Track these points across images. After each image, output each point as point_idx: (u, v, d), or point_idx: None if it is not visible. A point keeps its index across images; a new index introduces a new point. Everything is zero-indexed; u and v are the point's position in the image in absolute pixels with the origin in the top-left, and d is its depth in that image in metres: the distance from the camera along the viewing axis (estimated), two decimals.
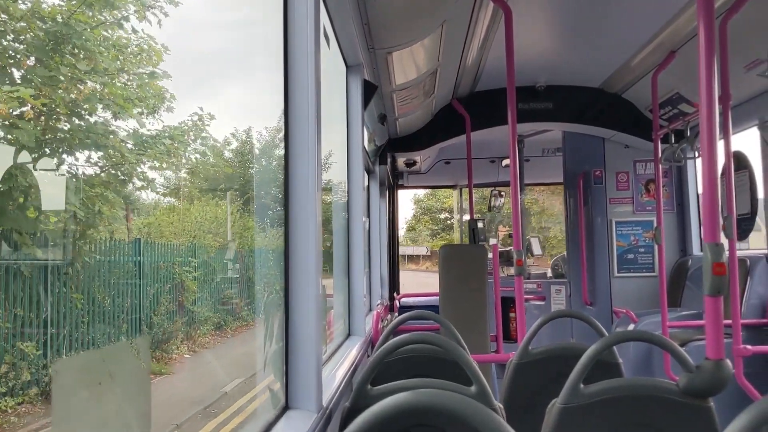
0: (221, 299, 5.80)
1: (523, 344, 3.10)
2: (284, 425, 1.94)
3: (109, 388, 1.69)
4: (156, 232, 5.05)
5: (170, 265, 4.67)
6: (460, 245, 8.25)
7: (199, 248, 5.47)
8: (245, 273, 6.21)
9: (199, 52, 3.90)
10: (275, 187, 5.25)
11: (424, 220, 46.55)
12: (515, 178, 3.96)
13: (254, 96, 6.55)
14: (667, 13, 4.29)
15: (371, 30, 3.37)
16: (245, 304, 6.19)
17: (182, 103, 3.22)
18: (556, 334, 6.61)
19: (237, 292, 6.12)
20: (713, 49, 2.59)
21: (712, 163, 2.57)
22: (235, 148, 7.24)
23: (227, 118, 5.71)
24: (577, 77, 6.00)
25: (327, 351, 3.34)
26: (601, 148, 6.74)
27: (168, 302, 4.51)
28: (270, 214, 5.28)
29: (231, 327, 5.77)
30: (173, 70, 2.96)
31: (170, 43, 2.86)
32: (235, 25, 3.76)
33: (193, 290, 4.93)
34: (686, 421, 2.18)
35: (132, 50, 2.76)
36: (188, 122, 3.54)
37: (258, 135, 8.03)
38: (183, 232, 5.45)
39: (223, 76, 4.36)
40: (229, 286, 6.02)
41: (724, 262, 2.48)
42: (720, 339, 2.49)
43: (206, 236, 5.73)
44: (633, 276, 6.63)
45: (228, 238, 6.27)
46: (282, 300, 2.12)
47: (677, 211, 6.60)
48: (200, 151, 3.75)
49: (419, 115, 5.89)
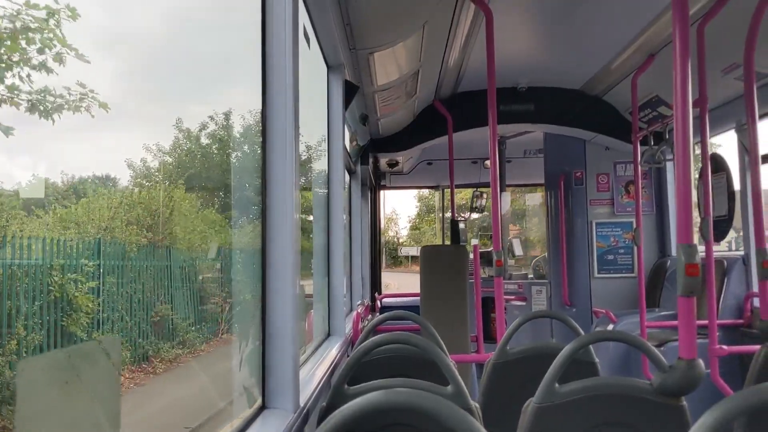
0: (150, 317, 4.19)
1: (501, 344, 3.12)
2: (260, 425, 1.94)
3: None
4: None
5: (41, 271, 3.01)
6: (441, 246, 8.28)
7: (112, 245, 3.85)
8: (197, 278, 4.97)
9: (176, 50, 3.79)
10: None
11: (429, 219, 43.48)
12: (495, 180, 3.99)
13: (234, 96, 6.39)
14: (645, 17, 4.34)
15: (353, 30, 3.38)
16: (192, 323, 4.70)
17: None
18: (536, 335, 6.66)
19: (181, 306, 4.68)
20: (688, 53, 2.62)
21: (686, 165, 2.60)
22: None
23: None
24: (558, 79, 6.04)
25: (306, 351, 3.34)
26: (582, 149, 6.80)
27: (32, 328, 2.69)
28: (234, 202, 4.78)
29: (165, 357, 4.13)
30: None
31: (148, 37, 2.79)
32: (213, 25, 3.71)
33: (87, 308, 3.22)
34: (660, 419, 2.21)
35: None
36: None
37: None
38: (88, 221, 3.74)
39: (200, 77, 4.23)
40: (166, 297, 4.45)
41: (697, 263, 2.51)
42: (692, 339, 2.52)
43: (127, 228, 4.11)
44: (613, 277, 6.68)
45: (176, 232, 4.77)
46: (259, 299, 2.12)
47: (656, 212, 6.67)
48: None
49: (401, 115, 5.91)
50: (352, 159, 5.66)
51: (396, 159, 7.18)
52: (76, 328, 3.07)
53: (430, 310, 5.16)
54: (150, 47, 3.04)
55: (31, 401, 1.51)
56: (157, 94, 3.85)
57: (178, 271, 4.74)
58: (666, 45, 4.63)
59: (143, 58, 2.76)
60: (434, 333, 3.24)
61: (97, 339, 2.97)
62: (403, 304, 7.10)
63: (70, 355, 1.66)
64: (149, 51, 3.19)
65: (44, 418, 1.57)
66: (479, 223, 24.56)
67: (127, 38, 2.47)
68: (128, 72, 2.74)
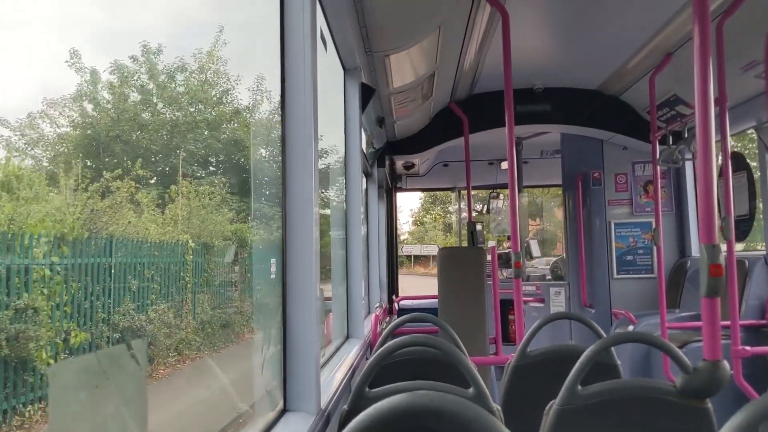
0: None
1: (521, 346, 3.10)
2: (282, 427, 1.95)
3: None
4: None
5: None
6: (458, 247, 8.26)
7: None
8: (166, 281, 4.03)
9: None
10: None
11: (435, 212, 37.81)
12: (513, 181, 3.97)
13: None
14: (663, 16, 4.30)
15: (369, 33, 3.38)
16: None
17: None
18: (555, 337, 6.61)
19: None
20: (708, 51, 2.60)
21: (708, 164, 2.58)
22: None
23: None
24: (575, 79, 6.01)
25: (325, 354, 3.35)
26: (600, 149, 6.75)
27: None
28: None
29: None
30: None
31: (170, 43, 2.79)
32: (232, 29, 3.70)
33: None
34: (684, 422, 2.18)
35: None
36: None
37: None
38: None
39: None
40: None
41: (720, 263, 2.49)
42: (717, 340, 2.50)
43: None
44: (632, 277, 6.63)
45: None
46: (279, 303, 2.12)
47: (676, 212, 6.61)
48: None
49: (417, 117, 5.90)
50: (368, 162, 5.67)
51: (412, 161, 7.17)
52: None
53: (449, 312, 5.15)
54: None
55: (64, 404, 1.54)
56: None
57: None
58: (684, 43, 4.59)
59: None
60: (453, 335, 3.24)
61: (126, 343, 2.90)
62: (420, 307, 7.09)
63: (99, 359, 1.68)
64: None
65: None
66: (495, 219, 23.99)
67: (123, 39, 2.46)
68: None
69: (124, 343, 3.75)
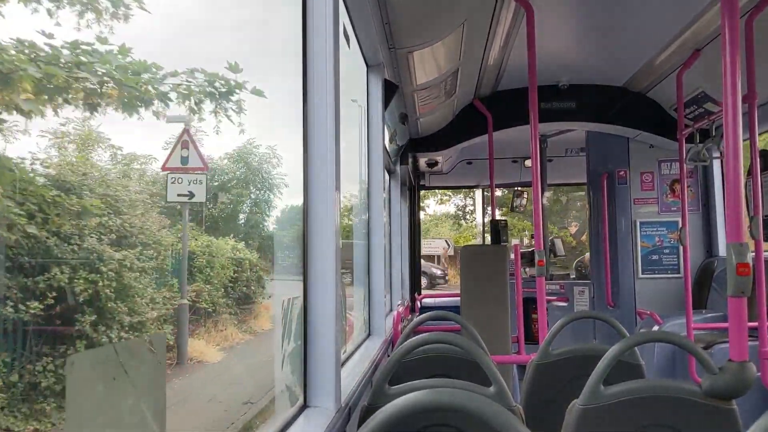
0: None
1: (544, 345, 3.08)
2: (303, 423, 1.95)
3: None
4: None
5: None
6: (481, 245, 8.23)
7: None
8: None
9: (212, 52, 3.72)
10: None
11: (444, 198, 28.99)
12: (537, 179, 3.94)
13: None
14: (690, 12, 4.23)
15: (392, 30, 3.38)
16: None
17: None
18: (578, 336, 6.56)
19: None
20: (737, 48, 2.55)
21: (736, 162, 2.53)
22: None
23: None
24: (601, 76, 5.94)
25: (347, 350, 3.35)
26: (626, 147, 6.67)
27: None
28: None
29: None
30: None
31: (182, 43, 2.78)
32: (252, 25, 3.67)
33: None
34: (709, 423, 2.15)
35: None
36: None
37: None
38: None
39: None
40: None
41: (748, 263, 2.44)
42: (744, 341, 2.46)
43: None
44: (657, 277, 6.54)
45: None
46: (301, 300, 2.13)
47: (703, 211, 6.51)
48: None
49: (441, 114, 5.88)
50: (391, 159, 5.66)
51: (435, 158, 7.15)
52: None
53: (471, 311, 5.13)
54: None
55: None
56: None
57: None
58: (712, 39, 4.51)
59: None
60: (475, 333, 3.23)
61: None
62: (442, 305, 7.07)
63: (117, 351, 1.68)
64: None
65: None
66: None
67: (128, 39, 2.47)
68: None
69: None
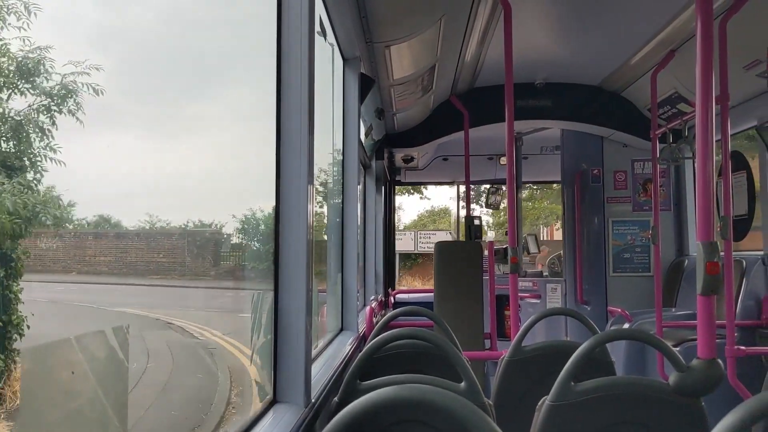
0: None
1: (516, 341, 3.09)
2: (271, 419, 1.93)
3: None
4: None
5: None
6: (455, 242, 8.25)
7: None
8: None
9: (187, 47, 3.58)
10: None
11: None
12: (512, 176, 3.95)
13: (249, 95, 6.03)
14: (667, 12, 4.27)
15: (369, 23, 3.35)
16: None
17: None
18: (550, 333, 6.61)
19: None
20: (711, 49, 2.58)
21: (708, 162, 2.56)
22: None
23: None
24: (577, 75, 5.98)
25: (318, 346, 3.33)
26: (600, 146, 6.72)
27: None
28: None
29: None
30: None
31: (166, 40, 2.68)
32: (226, 19, 3.56)
33: None
34: (677, 419, 2.17)
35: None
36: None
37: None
38: None
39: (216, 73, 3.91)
40: None
41: (717, 262, 2.47)
42: (712, 339, 2.48)
43: None
44: (629, 275, 6.61)
45: None
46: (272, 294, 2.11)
47: (674, 211, 6.59)
48: None
49: (417, 110, 5.87)
50: (367, 154, 5.64)
51: (411, 154, 7.15)
52: None
53: (444, 306, 5.14)
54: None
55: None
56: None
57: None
58: (687, 41, 4.56)
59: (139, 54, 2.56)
60: (448, 329, 3.23)
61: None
62: (416, 300, 7.08)
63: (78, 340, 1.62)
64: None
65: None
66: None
67: (121, 34, 2.36)
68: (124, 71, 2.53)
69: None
